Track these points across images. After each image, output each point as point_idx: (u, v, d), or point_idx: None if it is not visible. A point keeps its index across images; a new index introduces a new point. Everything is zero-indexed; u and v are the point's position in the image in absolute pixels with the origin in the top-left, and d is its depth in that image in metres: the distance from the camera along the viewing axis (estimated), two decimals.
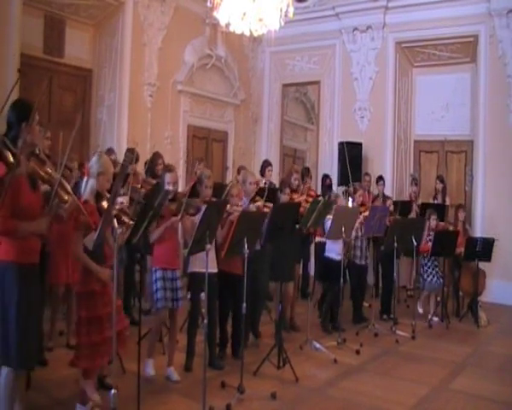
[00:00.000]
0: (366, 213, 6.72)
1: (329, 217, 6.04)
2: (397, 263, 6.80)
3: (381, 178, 9.00)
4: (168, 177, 4.63)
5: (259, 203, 5.68)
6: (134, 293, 6.45)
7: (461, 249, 7.29)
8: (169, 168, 4.79)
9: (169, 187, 4.55)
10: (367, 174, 9.36)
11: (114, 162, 6.25)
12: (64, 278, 4.97)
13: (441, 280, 7.32)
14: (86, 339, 3.61)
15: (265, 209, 5.63)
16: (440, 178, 9.05)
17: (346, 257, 6.54)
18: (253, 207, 5.52)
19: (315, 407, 4.32)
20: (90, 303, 3.61)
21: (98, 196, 3.66)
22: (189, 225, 4.54)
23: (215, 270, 4.84)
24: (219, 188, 5.76)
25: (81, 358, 3.63)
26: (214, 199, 5.05)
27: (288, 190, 6.12)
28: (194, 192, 5.09)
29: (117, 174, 3.64)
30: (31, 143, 3.14)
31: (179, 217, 4.45)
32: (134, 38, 8.74)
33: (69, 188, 3.31)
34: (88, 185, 3.71)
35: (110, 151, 6.83)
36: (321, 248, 6.82)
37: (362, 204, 7.16)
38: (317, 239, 7.05)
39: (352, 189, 7.62)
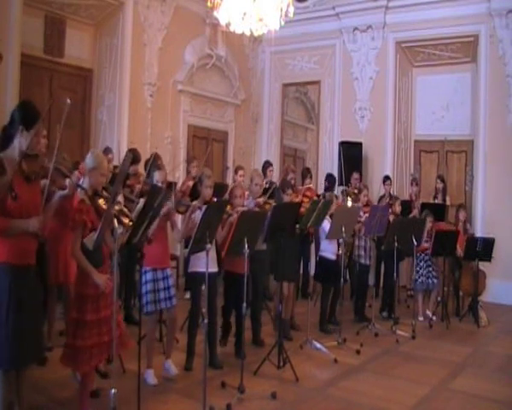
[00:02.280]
0: (366, 210, 6.73)
1: (327, 218, 6.05)
2: (397, 263, 6.80)
3: (387, 177, 8.91)
4: (157, 175, 4.63)
5: (260, 199, 5.69)
6: (134, 293, 6.45)
7: (460, 251, 7.29)
8: (158, 167, 4.79)
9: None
10: (356, 172, 9.10)
11: (111, 161, 6.27)
12: (60, 278, 4.95)
13: (434, 281, 7.30)
14: (71, 341, 3.59)
15: (266, 206, 5.64)
16: (441, 178, 9.04)
17: (345, 256, 6.54)
18: (250, 203, 5.53)
19: (315, 406, 4.32)
20: (81, 306, 3.58)
21: (95, 194, 3.65)
22: (190, 224, 4.55)
23: (215, 269, 4.84)
24: (220, 188, 5.77)
25: (65, 358, 3.61)
26: (215, 199, 5.05)
27: (290, 191, 6.14)
28: (194, 192, 5.09)
29: (117, 174, 3.64)
30: (31, 150, 3.15)
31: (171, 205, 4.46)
32: (134, 38, 8.75)
33: (65, 170, 3.33)
34: (84, 184, 3.72)
35: (107, 150, 6.84)
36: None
37: (366, 204, 7.14)
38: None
39: (351, 189, 7.62)
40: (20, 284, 3.10)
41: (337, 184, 9.77)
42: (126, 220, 3.57)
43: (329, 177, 8.92)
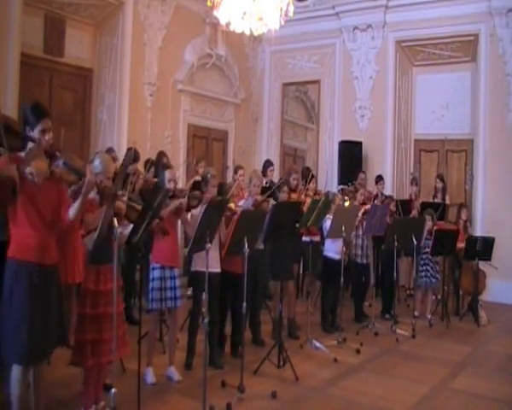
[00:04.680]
0: (367, 207, 6.72)
1: (329, 216, 6.04)
2: (397, 262, 6.80)
3: (380, 177, 8.93)
4: (168, 174, 4.61)
5: (258, 197, 5.69)
6: (134, 292, 6.45)
7: (461, 245, 7.29)
8: (167, 166, 4.78)
9: (170, 185, 4.54)
10: (363, 172, 9.11)
11: (114, 159, 6.28)
12: (68, 277, 4.94)
13: (433, 280, 7.30)
14: (77, 336, 3.63)
15: (264, 204, 5.63)
16: (440, 177, 9.05)
17: (345, 256, 6.53)
18: (249, 202, 5.53)
19: (315, 406, 4.32)
20: (82, 300, 3.64)
21: (102, 195, 3.65)
22: (191, 220, 4.54)
23: (218, 269, 4.84)
24: (219, 187, 5.76)
25: (73, 355, 3.63)
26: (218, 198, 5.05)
27: (286, 189, 6.13)
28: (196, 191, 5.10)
29: (117, 173, 3.64)
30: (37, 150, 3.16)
31: (185, 198, 4.46)
32: (134, 38, 8.74)
33: (77, 166, 3.32)
34: None
35: (110, 150, 6.84)
36: (314, 246, 6.79)
37: (363, 203, 7.14)
38: (310, 238, 7.02)
39: (351, 188, 7.60)
40: (22, 281, 3.12)
41: (337, 183, 9.80)
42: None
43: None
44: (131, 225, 3.61)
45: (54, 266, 3.31)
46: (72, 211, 3.26)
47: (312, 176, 7.34)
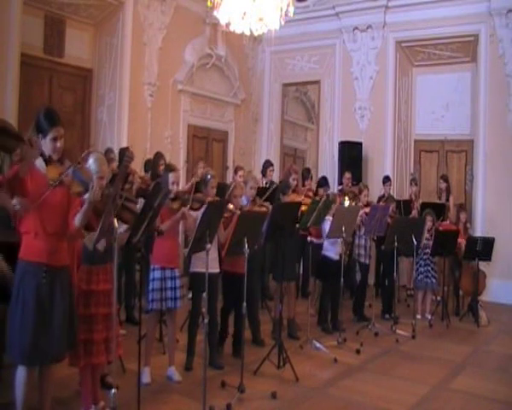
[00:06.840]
0: (367, 210, 6.72)
1: (328, 218, 6.04)
2: (397, 262, 6.80)
3: (387, 178, 8.88)
4: (172, 176, 4.57)
5: (257, 205, 5.68)
6: (134, 292, 6.45)
7: (462, 242, 7.29)
8: (171, 168, 4.74)
9: (173, 187, 4.53)
10: (348, 172, 9.00)
11: (113, 160, 6.27)
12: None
13: (433, 280, 7.31)
14: None
15: (263, 208, 5.64)
16: (444, 178, 9.03)
17: (345, 256, 6.53)
18: (244, 201, 5.53)
19: (315, 406, 4.32)
20: (76, 300, 3.64)
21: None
22: (192, 222, 4.53)
23: (217, 270, 4.84)
24: (221, 188, 5.77)
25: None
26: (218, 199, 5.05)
27: (290, 193, 6.12)
28: (196, 192, 5.10)
29: (117, 174, 3.63)
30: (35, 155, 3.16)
31: (187, 208, 4.46)
32: (134, 38, 8.74)
33: (85, 177, 3.33)
34: None
35: (109, 151, 6.83)
36: (315, 248, 6.79)
37: (367, 204, 7.13)
38: (310, 239, 7.00)
39: (347, 188, 7.60)
40: (28, 282, 3.14)
41: (337, 183, 9.80)
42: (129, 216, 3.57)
43: (322, 180, 8.02)
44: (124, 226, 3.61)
45: (63, 268, 3.32)
46: (77, 218, 3.28)
47: (325, 180, 7.37)
